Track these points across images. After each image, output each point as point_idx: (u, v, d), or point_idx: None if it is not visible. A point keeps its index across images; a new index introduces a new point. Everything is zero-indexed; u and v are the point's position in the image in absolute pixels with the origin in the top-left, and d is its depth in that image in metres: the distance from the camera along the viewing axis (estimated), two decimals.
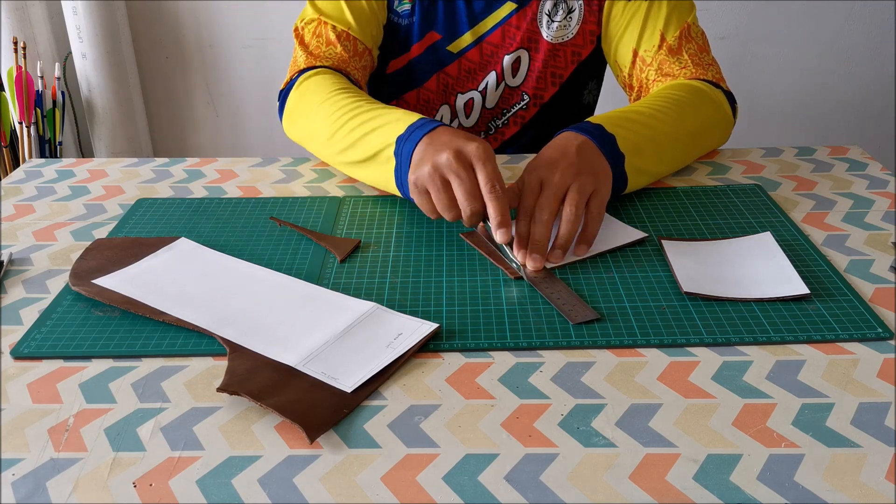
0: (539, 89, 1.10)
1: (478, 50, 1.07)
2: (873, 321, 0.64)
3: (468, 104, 1.11)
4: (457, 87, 1.10)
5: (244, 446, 0.53)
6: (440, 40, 1.07)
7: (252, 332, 0.64)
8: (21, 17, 1.99)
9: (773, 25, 2.15)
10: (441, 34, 1.07)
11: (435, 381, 0.59)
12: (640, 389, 0.57)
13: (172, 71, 2.24)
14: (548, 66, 1.08)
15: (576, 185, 0.74)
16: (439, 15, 1.06)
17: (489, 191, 0.72)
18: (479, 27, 1.06)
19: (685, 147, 0.91)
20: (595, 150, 0.79)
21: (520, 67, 1.08)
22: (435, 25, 1.07)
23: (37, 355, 0.62)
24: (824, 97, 2.25)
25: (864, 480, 0.49)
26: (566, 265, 0.73)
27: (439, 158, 0.73)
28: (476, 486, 0.49)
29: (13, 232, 0.83)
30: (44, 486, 0.50)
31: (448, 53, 1.08)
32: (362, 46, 1.03)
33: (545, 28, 1.05)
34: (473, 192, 0.72)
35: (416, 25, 1.07)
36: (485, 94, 1.10)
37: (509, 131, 1.14)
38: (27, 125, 1.94)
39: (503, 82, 1.09)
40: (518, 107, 1.11)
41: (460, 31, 1.07)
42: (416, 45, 1.08)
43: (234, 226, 0.83)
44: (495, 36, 1.06)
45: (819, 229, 0.80)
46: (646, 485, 0.49)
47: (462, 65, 1.08)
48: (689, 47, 1.00)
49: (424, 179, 0.74)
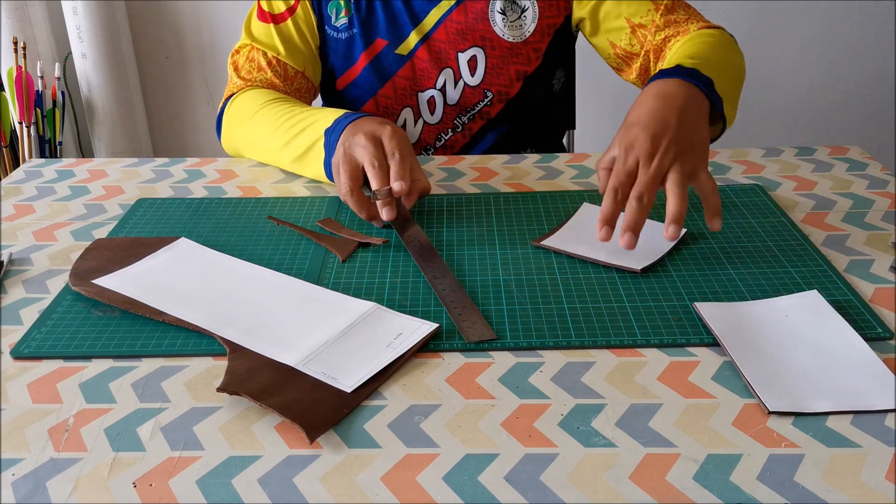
0: (503, 86, 1.09)
1: (426, 48, 1.07)
2: (873, 321, 0.64)
3: (430, 101, 1.11)
4: (415, 88, 1.10)
5: (244, 446, 0.53)
6: (387, 46, 1.07)
7: (252, 332, 0.64)
8: (21, 17, 1.99)
9: (773, 25, 2.14)
10: (387, 39, 1.07)
11: (435, 381, 0.59)
12: (640, 389, 0.57)
13: (172, 71, 2.24)
14: (508, 63, 1.08)
15: (677, 166, 0.70)
16: (380, 21, 1.06)
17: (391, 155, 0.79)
18: (422, 25, 1.06)
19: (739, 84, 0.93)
20: (699, 109, 0.76)
21: (477, 66, 1.08)
22: (378, 32, 1.07)
23: (37, 355, 0.62)
24: (824, 97, 2.25)
25: (864, 480, 0.49)
26: (563, 255, 0.73)
27: (353, 139, 0.81)
28: (476, 486, 0.49)
29: (13, 232, 0.83)
30: (44, 486, 0.50)
31: (398, 57, 1.08)
32: (293, 70, 1.06)
33: (500, 27, 1.05)
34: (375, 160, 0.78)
35: (358, 36, 1.07)
36: (444, 92, 1.10)
37: (476, 126, 1.13)
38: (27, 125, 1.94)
39: (461, 80, 1.08)
40: (482, 104, 1.11)
41: (405, 33, 1.07)
42: (363, 54, 1.08)
43: (234, 226, 0.83)
44: (440, 32, 1.06)
45: (819, 229, 0.80)
46: (646, 485, 0.49)
47: (415, 65, 1.08)
48: (679, 2, 1.03)
49: (337, 158, 0.82)
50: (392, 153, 0.79)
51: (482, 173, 0.95)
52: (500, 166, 0.97)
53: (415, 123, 1.13)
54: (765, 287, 0.69)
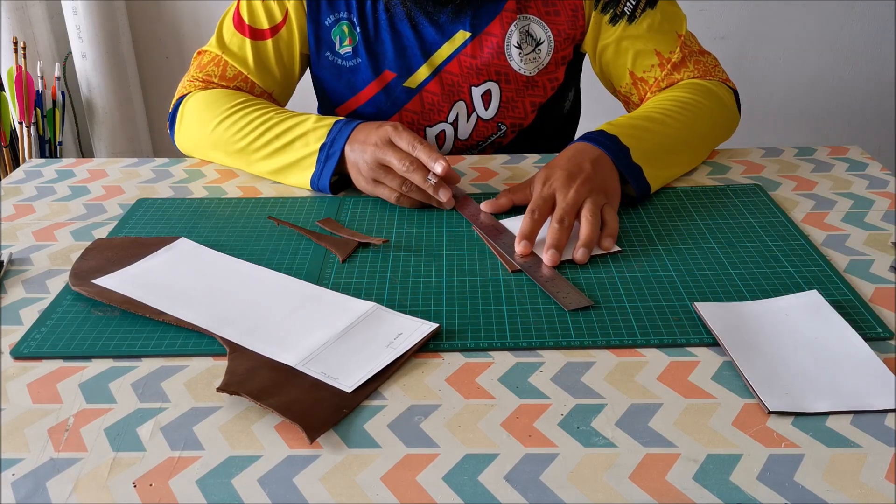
0: (518, 118, 1.07)
1: (437, 82, 1.02)
2: (873, 321, 0.64)
3: (440, 136, 1.07)
4: (423, 122, 1.06)
5: (244, 446, 0.53)
6: (395, 78, 1.02)
7: (252, 332, 0.64)
8: (21, 17, 1.99)
9: (773, 25, 2.14)
10: (395, 72, 1.02)
11: (435, 381, 0.59)
12: (640, 389, 0.57)
13: (172, 71, 2.24)
14: (524, 95, 1.05)
15: (591, 199, 0.78)
16: (388, 52, 1.01)
17: (412, 147, 0.82)
18: (433, 58, 1.01)
19: (697, 150, 0.93)
20: (610, 166, 0.82)
21: (491, 100, 1.04)
22: (385, 63, 1.02)
23: (37, 355, 0.62)
24: (824, 97, 2.25)
25: (863, 480, 0.49)
26: (565, 264, 0.73)
27: (366, 157, 0.84)
28: (476, 486, 0.49)
29: (13, 232, 0.83)
30: (44, 486, 0.50)
31: (406, 90, 1.03)
32: (260, 90, 1.01)
33: (516, 60, 1.01)
34: (404, 155, 0.82)
35: (364, 66, 1.02)
36: (456, 126, 1.06)
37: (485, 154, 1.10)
38: (27, 125, 1.94)
39: (474, 113, 1.05)
40: (495, 136, 1.08)
41: (415, 66, 1.01)
42: (370, 86, 1.03)
43: (234, 226, 0.83)
44: (453, 66, 1.01)
45: (819, 229, 0.80)
46: (646, 485, 0.49)
47: (424, 98, 1.03)
48: (691, 57, 1.00)
49: (368, 178, 0.85)
50: (411, 146, 0.82)
51: (482, 173, 0.95)
52: (500, 166, 0.97)
53: None
54: (765, 287, 0.69)
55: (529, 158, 0.99)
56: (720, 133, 0.97)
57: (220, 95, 0.97)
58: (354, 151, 0.85)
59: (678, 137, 0.89)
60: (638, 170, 0.83)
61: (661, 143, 0.87)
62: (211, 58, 1.01)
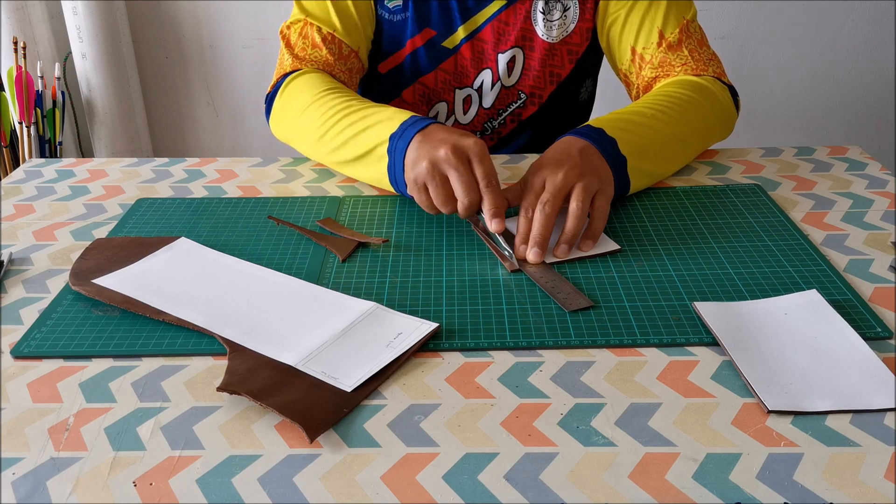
0: (537, 88, 1.09)
1: (469, 46, 1.06)
2: (873, 321, 0.64)
3: (466, 100, 1.10)
4: (454, 83, 1.10)
5: (244, 446, 0.53)
6: (436, 36, 1.06)
7: (252, 331, 0.64)
8: (21, 17, 1.99)
9: (773, 25, 2.15)
10: (436, 30, 1.06)
11: (435, 380, 0.59)
12: (640, 389, 0.57)
13: (172, 71, 2.24)
14: (545, 65, 1.08)
15: (581, 183, 0.76)
16: (433, 10, 1.05)
17: (486, 185, 0.74)
18: (470, 22, 1.05)
19: (688, 146, 0.92)
20: (597, 154, 0.81)
21: (514, 66, 1.07)
22: (430, 21, 1.06)
23: (37, 355, 0.62)
24: (824, 97, 2.25)
25: (863, 479, 0.49)
26: (565, 264, 0.73)
27: (437, 154, 0.75)
28: (476, 486, 0.49)
29: (13, 232, 0.83)
30: (44, 486, 0.50)
31: (444, 49, 1.07)
32: (347, 49, 1.03)
33: (541, 26, 1.04)
34: (471, 184, 0.75)
35: (410, 21, 1.05)
36: (481, 93, 1.09)
37: (506, 129, 1.14)
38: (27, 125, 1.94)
39: (499, 81, 1.08)
40: (515, 105, 1.10)
41: (454, 27, 1.06)
42: (411, 41, 1.06)
43: (234, 226, 0.83)
44: (486, 32, 1.05)
45: (819, 229, 0.80)
46: (645, 484, 0.49)
47: (458, 60, 1.08)
48: (688, 43, 1.00)
49: (423, 175, 0.76)
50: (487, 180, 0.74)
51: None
52: (500, 166, 0.97)
53: (446, 119, 1.13)
54: (764, 287, 0.69)
55: (529, 158, 0.99)
56: (714, 130, 0.96)
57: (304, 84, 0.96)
58: (424, 144, 0.77)
59: (668, 133, 0.88)
60: (623, 162, 0.82)
61: (650, 136, 0.86)
62: (298, 29, 1.02)
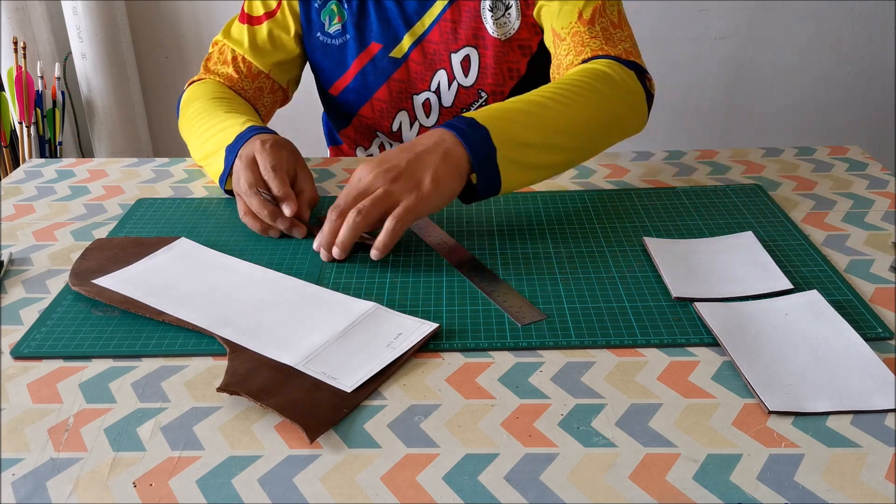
0: (497, 85, 1.08)
1: (420, 51, 1.07)
2: (873, 321, 0.64)
3: (425, 104, 1.10)
4: (409, 91, 1.10)
5: (244, 446, 0.53)
6: (381, 50, 1.07)
7: (252, 332, 0.64)
8: (21, 17, 1.99)
9: (773, 25, 2.15)
10: (381, 42, 1.07)
11: (435, 380, 0.59)
12: (640, 389, 0.57)
13: (172, 71, 2.24)
14: (501, 62, 1.06)
15: (381, 190, 0.72)
16: (373, 25, 1.06)
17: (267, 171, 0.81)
18: (416, 28, 1.06)
19: (584, 133, 0.84)
20: (451, 149, 0.75)
21: (470, 66, 1.07)
22: (371, 36, 1.07)
23: (37, 355, 0.62)
24: (824, 97, 2.25)
25: (863, 480, 0.49)
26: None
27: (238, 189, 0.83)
28: (476, 486, 0.49)
29: (13, 232, 0.83)
30: (44, 486, 0.50)
31: (392, 60, 1.08)
32: (256, 70, 1.08)
33: (490, 24, 1.04)
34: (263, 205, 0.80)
35: (352, 41, 1.08)
36: (439, 94, 1.09)
37: None
38: (27, 125, 1.94)
39: (455, 81, 1.08)
40: (477, 105, 1.10)
41: (399, 36, 1.07)
42: (357, 60, 1.09)
43: (234, 226, 0.83)
44: (434, 34, 1.05)
45: (819, 229, 0.80)
46: (646, 484, 0.49)
47: (409, 68, 1.08)
48: (601, 21, 0.96)
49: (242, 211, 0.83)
50: (264, 168, 0.81)
51: None
52: None
53: (410, 127, 1.13)
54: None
55: None
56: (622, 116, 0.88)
57: (200, 87, 1.03)
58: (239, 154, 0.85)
59: (555, 121, 0.81)
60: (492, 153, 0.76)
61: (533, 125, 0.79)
62: (218, 47, 1.10)
